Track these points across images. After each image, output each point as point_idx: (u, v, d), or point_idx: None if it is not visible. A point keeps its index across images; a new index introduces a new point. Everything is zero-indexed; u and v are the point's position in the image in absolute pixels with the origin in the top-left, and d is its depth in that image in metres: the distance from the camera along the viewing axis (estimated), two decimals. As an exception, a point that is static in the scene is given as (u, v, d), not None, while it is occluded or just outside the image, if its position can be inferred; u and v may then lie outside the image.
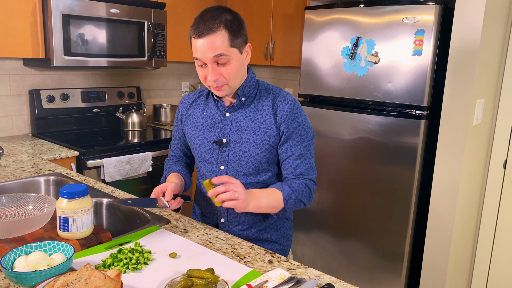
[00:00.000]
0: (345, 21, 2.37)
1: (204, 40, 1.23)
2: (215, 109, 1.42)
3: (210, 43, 1.22)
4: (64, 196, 1.16)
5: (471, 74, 2.03)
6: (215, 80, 1.27)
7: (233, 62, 1.27)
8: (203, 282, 0.98)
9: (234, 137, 1.37)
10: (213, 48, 1.23)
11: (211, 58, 1.24)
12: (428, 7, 2.08)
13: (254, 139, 1.35)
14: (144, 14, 2.75)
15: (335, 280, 1.09)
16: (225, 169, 1.39)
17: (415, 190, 2.23)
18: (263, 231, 1.46)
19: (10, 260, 1.01)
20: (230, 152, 1.38)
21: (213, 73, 1.26)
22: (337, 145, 2.48)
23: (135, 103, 3.19)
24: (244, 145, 1.36)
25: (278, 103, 1.36)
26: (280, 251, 1.50)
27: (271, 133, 1.35)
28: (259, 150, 1.36)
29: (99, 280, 0.89)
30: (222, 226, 1.45)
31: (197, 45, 1.25)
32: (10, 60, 2.63)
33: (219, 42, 1.23)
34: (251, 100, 1.39)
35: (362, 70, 2.33)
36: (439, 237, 2.21)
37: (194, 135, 1.44)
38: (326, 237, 2.60)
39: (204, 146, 1.41)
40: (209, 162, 1.42)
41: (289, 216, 1.53)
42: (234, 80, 1.30)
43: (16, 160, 2.11)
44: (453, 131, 2.11)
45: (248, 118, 1.37)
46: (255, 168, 1.38)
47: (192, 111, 1.47)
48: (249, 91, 1.38)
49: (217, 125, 1.40)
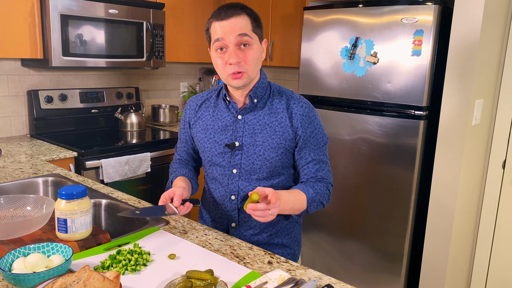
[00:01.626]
0: (344, 22, 2.36)
1: (228, 21, 1.22)
2: (226, 111, 1.37)
3: (234, 24, 1.22)
4: (62, 197, 1.16)
5: (470, 75, 2.03)
6: (236, 63, 1.23)
7: (254, 47, 1.26)
8: (203, 283, 0.98)
9: (247, 140, 1.33)
10: (237, 28, 1.22)
11: (235, 37, 1.22)
12: (427, 7, 2.08)
13: (269, 142, 1.32)
14: (142, 14, 2.74)
15: (334, 281, 1.09)
16: (237, 172, 1.36)
17: (414, 190, 2.23)
18: (274, 236, 1.43)
19: (8, 261, 1.01)
20: (243, 155, 1.34)
21: (235, 56, 1.23)
22: (336, 145, 2.48)
23: (134, 104, 3.18)
24: (259, 149, 1.33)
25: (293, 106, 1.34)
26: (291, 255, 1.47)
27: (287, 136, 1.33)
28: (274, 154, 1.33)
29: (97, 281, 0.89)
30: (233, 231, 1.42)
31: (218, 28, 1.23)
32: (8, 61, 2.62)
33: (243, 24, 1.23)
34: (264, 102, 1.35)
35: (361, 70, 2.33)
36: (438, 237, 2.21)
37: (204, 138, 1.39)
38: (326, 238, 2.60)
39: (215, 149, 1.37)
40: (220, 165, 1.38)
41: (299, 220, 1.50)
42: (253, 68, 1.27)
43: (15, 161, 2.11)
44: (452, 132, 2.11)
45: (262, 121, 1.33)
46: (269, 172, 1.35)
47: (202, 114, 1.42)
48: (262, 92, 1.35)
49: (229, 128, 1.36)
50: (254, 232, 1.42)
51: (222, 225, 1.44)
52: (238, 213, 1.40)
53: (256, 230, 1.41)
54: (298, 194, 1.31)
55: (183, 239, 1.27)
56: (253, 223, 1.40)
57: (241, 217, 1.40)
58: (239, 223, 1.41)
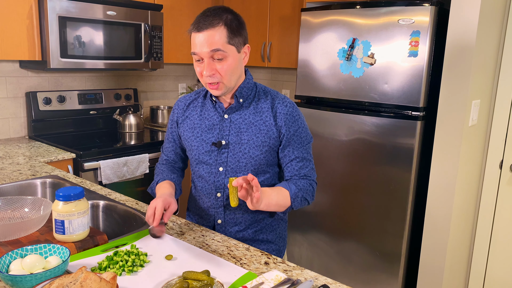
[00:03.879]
0: (341, 23, 2.37)
1: (203, 34, 1.25)
2: (213, 111, 1.42)
3: (208, 37, 1.24)
4: (59, 199, 1.16)
5: (466, 75, 2.04)
6: (210, 75, 1.28)
7: (229, 59, 1.28)
8: (199, 284, 0.99)
9: (233, 139, 1.38)
10: (210, 43, 1.24)
11: (208, 52, 1.25)
12: (424, 8, 2.09)
13: (254, 140, 1.36)
14: (140, 16, 2.75)
15: (330, 282, 1.10)
16: (223, 170, 1.39)
17: (412, 190, 2.24)
18: (259, 232, 1.47)
19: (6, 263, 1.01)
20: (229, 153, 1.38)
21: (209, 68, 1.27)
22: (333, 146, 2.48)
23: (132, 105, 3.19)
24: (244, 147, 1.37)
25: (277, 105, 1.38)
26: (275, 251, 1.50)
27: (271, 135, 1.37)
28: (259, 152, 1.37)
29: (94, 283, 0.89)
30: (218, 227, 1.46)
31: (195, 39, 1.26)
32: (6, 63, 2.62)
33: (217, 38, 1.24)
34: (249, 101, 1.40)
35: (358, 71, 2.34)
36: (436, 238, 2.21)
37: (192, 136, 1.43)
38: (323, 238, 2.61)
39: (202, 148, 1.41)
40: (207, 163, 1.41)
41: (284, 217, 1.54)
42: (229, 78, 1.30)
43: (13, 162, 2.11)
44: (449, 132, 2.12)
45: (248, 120, 1.38)
46: (254, 170, 1.38)
47: (189, 113, 1.46)
48: (247, 92, 1.39)
49: (216, 127, 1.40)
50: (240, 228, 1.45)
51: (208, 222, 1.47)
52: (224, 210, 1.43)
53: (242, 226, 1.45)
54: (280, 190, 1.33)
55: (181, 240, 1.28)
56: (238, 219, 1.44)
57: (227, 214, 1.44)
58: (225, 220, 1.44)
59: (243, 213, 1.43)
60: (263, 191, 1.27)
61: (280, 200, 1.32)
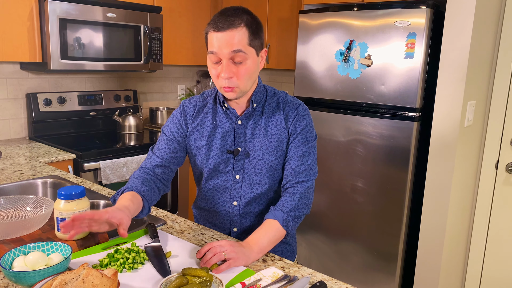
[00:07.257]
0: (339, 25, 2.40)
1: (223, 34, 1.18)
2: (225, 118, 1.35)
3: (229, 37, 1.18)
4: (61, 198, 1.18)
5: (462, 77, 2.06)
6: (227, 78, 1.21)
7: (249, 62, 1.23)
8: (198, 280, 1.01)
9: (248, 145, 1.33)
10: (231, 44, 1.18)
11: (228, 53, 1.19)
12: (420, 10, 2.12)
13: (267, 146, 1.32)
14: (140, 18, 2.77)
15: (327, 278, 1.12)
16: (240, 178, 1.35)
17: (408, 190, 2.26)
18: None
19: (9, 260, 1.03)
20: (245, 160, 1.34)
21: (227, 70, 1.20)
22: (331, 146, 2.51)
23: (132, 106, 3.21)
24: (258, 153, 1.33)
25: (287, 108, 1.35)
26: (290, 251, 1.48)
27: (284, 138, 1.33)
28: (273, 157, 1.33)
29: (96, 278, 0.91)
30: (234, 235, 1.42)
31: (214, 39, 1.20)
32: (7, 64, 2.64)
33: (239, 38, 1.19)
34: (261, 106, 1.35)
35: (355, 73, 2.36)
36: (432, 237, 2.24)
37: (206, 145, 1.36)
38: (321, 238, 2.63)
39: (218, 156, 1.35)
40: (223, 172, 1.36)
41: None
42: (246, 83, 1.25)
43: (14, 163, 2.13)
44: (445, 133, 2.14)
45: (260, 125, 1.33)
46: (270, 176, 1.35)
47: (201, 120, 1.37)
48: (260, 97, 1.35)
49: (230, 134, 1.34)
50: None
51: (223, 230, 1.43)
52: (240, 219, 1.39)
53: None
54: (268, 225, 1.26)
55: (180, 238, 1.30)
56: (255, 226, 1.37)
57: (243, 222, 1.40)
58: (241, 227, 1.41)
59: (259, 219, 1.40)
60: (247, 242, 1.20)
61: (272, 236, 1.24)
